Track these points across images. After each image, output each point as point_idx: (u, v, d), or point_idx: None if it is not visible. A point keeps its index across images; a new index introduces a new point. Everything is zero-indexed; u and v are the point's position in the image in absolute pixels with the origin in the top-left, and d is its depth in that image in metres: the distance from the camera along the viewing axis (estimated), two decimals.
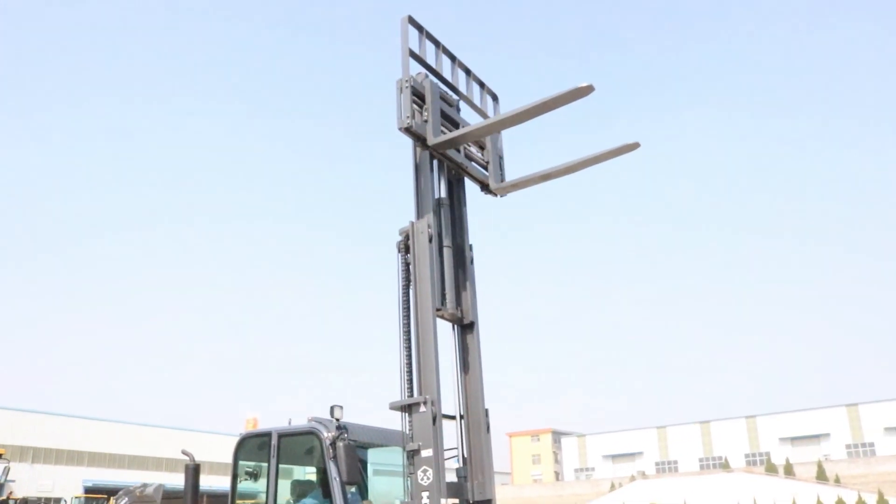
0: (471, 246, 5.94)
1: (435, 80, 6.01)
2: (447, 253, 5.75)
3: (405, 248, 5.48)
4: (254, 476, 6.37)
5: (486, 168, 6.32)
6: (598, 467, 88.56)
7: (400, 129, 5.52)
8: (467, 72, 6.50)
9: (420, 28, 6.00)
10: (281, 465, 6.18)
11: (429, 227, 5.36)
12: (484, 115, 6.62)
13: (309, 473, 6.58)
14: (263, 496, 6.16)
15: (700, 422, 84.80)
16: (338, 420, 6.01)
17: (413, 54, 5.80)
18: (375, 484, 6.71)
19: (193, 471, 7.12)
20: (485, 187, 6.26)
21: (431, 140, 5.49)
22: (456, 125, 6.11)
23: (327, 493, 5.87)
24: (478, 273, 5.98)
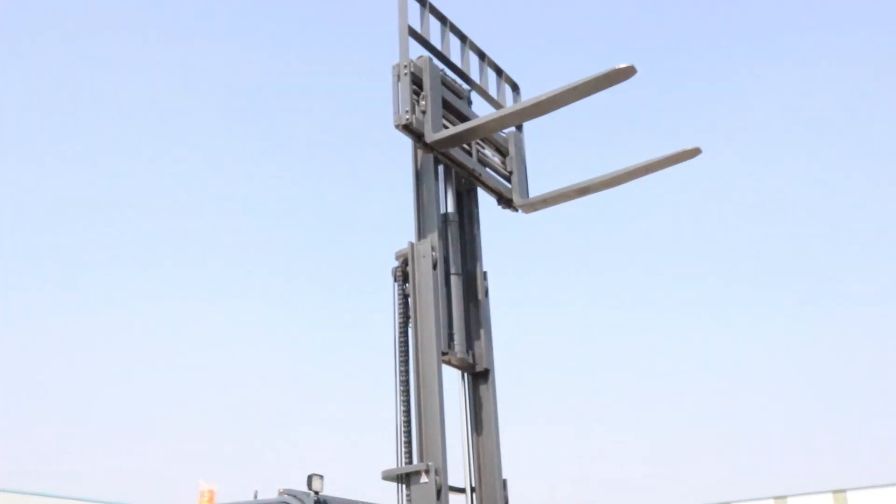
0: (485, 274, 5.15)
1: (439, 63, 5.17)
2: (455, 282, 4.95)
3: (402, 275, 4.75)
4: None
5: (506, 178, 5.48)
6: None
7: (397, 126, 4.68)
8: (481, 56, 5.64)
9: (423, 1, 4.96)
10: None
11: (433, 249, 4.60)
12: (501, 108, 5.62)
13: None
14: None
15: (833, 490, 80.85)
16: (317, 493, 5.23)
17: (414, 33, 4.95)
18: None
19: None
20: (502, 200, 5.41)
21: (430, 136, 4.64)
22: (465, 119, 5.22)
23: None
24: (494, 307, 5.14)
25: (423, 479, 4.33)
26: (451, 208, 5.03)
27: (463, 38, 5.44)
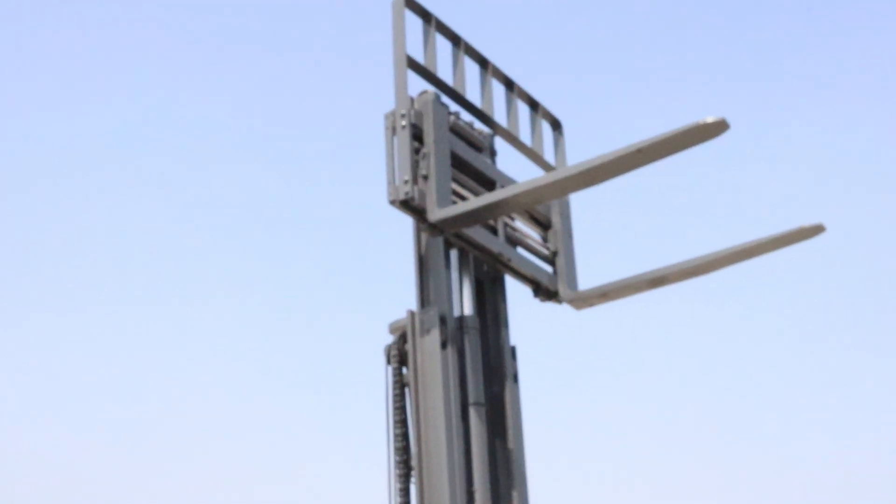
0: (513, 349, 4.90)
1: (449, 100, 4.84)
2: (476, 412, 4.54)
3: (398, 356, 4.45)
4: None
5: (548, 260, 5.17)
6: None
7: (392, 202, 4.38)
8: (508, 85, 5.44)
9: (426, 15, 4.59)
10: None
11: (442, 320, 4.34)
12: (538, 158, 5.52)
13: None
14: None
15: None
16: None
17: (415, 65, 4.68)
18: None
19: None
20: (541, 291, 5.09)
21: (434, 214, 4.35)
22: (488, 184, 4.92)
23: None
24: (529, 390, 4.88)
25: None
26: (468, 309, 4.71)
27: (483, 62, 5.27)
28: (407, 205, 4.34)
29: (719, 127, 3.78)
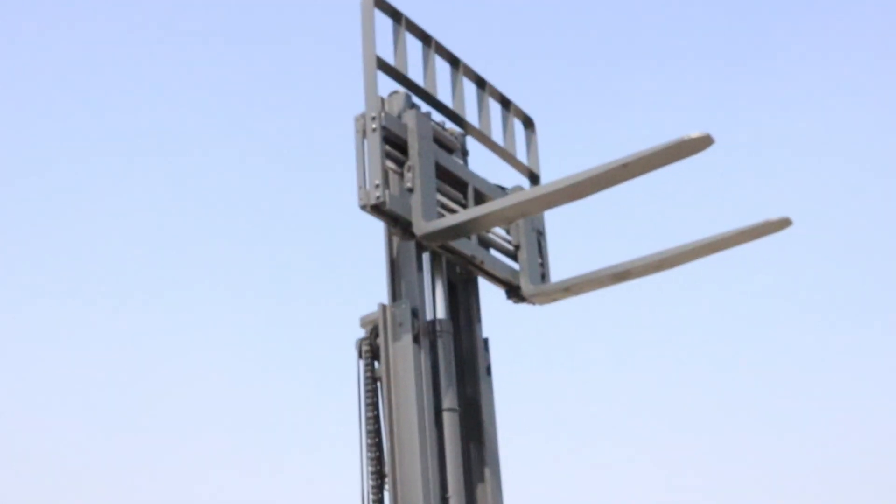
0: (486, 341, 5.11)
1: (421, 102, 5.03)
2: (449, 418, 4.71)
3: (370, 351, 4.63)
4: None
5: (513, 255, 5.33)
6: None
7: (363, 207, 4.53)
8: (480, 83, 5.57)
9: (397, 15, 4.81)
10: None
11: (413, 314, 4.51)
12: (510, 157, 5.73)
13: None
14: None
15: None
16: None
17: (384, 66, 4.83)
18: None
19: None
20: (512, 292, 5.26)
21: (421, 227, 4.55)
22: (461, 186, 5.09)
23: None
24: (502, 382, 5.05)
25: None
26: (441, 313, 4.86)
27: (454, 61, 5.40)
28: (378, 209, 4.45)
29: (704, 142, 3.92)
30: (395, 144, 4.69)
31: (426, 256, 4.89)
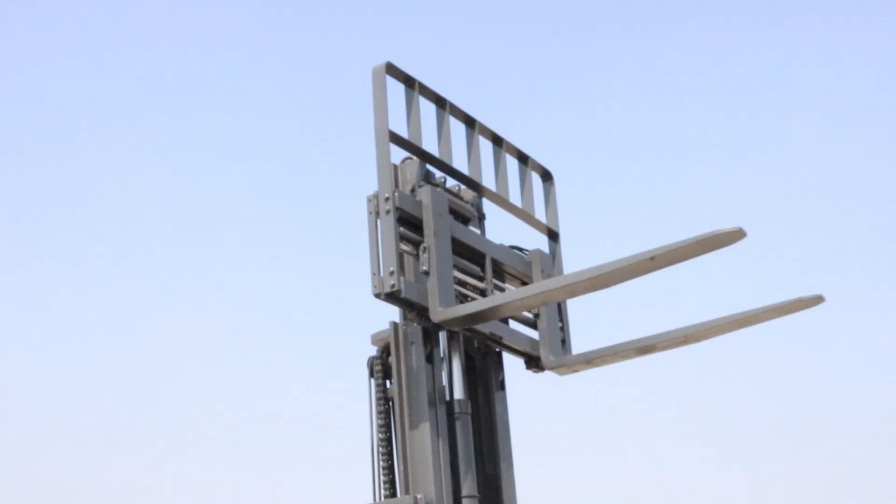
0: (499, 355, 5.55)
1: (433, 169, 5.36)
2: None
3: (382, 370, 4.94)
4: None
5: (532, 324, 5.62)
6: None
7: (377, 295, 4.76)
8: (497, 141, 5.80)
9: (409, 81, 5.24)
10: None
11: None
12: (528, 217, 5.92)
13: None
14: None
15: None
16: None
17: (398, 139, 5.05)
18: None
19: None
20: (532, 361, 5.57)
21: (437, 314, 4.78)
22: (478, 257, 5.35)
23: None
24: None
25: None
26: (459, 393, 5.12)
27: (470, 121, 5.59)
28: (393, 297, 4.67)
29: (735, 236, 4.09)
30: (409, 223, 4.87)
31: (443, 336, 5.09)
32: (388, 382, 4.90)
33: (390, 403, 4.89)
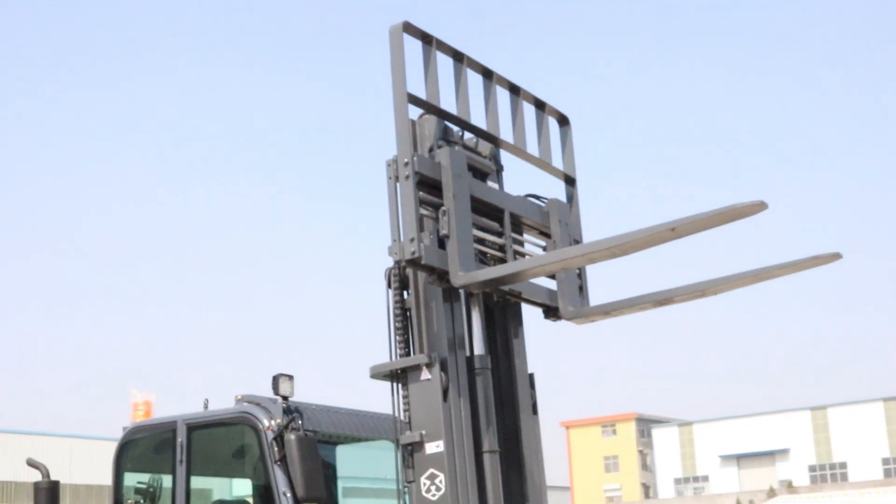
0: (531, 377, 5.92)
1: (453, 126, 5.60)
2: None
3: (399, 281, 5.28)
4: (149, 495, 6.42)
5: (552, 275, 5.78)
6: (713, 476, 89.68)
7: (397, 261, 5.07)
8: (514, 90, 5.94)
9: (427, 38, 5.38)
10: (194, 477, 6.26)
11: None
12: (546, 165, 6.10)
13: (240, 488, 6.73)
14: None
15: (884, 398, 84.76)
16: (286, 399, 5.95)
17: (416, 100, 5.25)
18: (350, 500, 6.83)
19: (48, 492, 6.93)
20: (550, 311, 5.85)
21: (458, 279, 5.02)
22: (497, 212, 5.59)
23: None
24: None
25: (425, 374, 5.05)
26: (479, 348, 5.38)
27: (488, 73, 5.71)
28: (414, 262, 4.90)
29: (756, 208, 4.34)
30: (429, 186, 5.06)
31: (463, 292, 5.33)
32: (405, 293, 5.28)
33: (408, 313, 5.27)
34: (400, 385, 5.10)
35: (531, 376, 5.69)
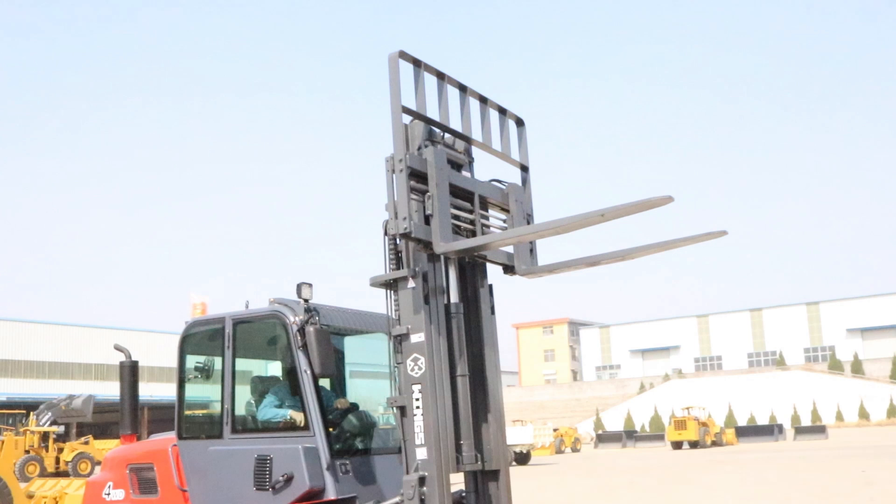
0: (490, 287, 5.81)
1: (436, 130, 5.47)
2: (463, 383, 5.38)
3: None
4: (205, 373, 6.44)
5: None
6: (624, 365, 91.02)
7: (394, 235, 5.03)
8: (482, 100, 5.83)
9: (417, 62, 5.29)
10: (238, 360, 6.29)
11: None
12: (506, 157, 6.00)
13: (272, 368, 6.78)
14: (218, 398, 6.26)
15: (750, 309, 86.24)
16: (306, 301, 5.96)
17: (409, 111, 5.18)
18: (355, 378, 6.94)
19: (130, 369, 7.04)
20: (508, 269, 5.79)
21: (439, 247, 5.01)
22: (469, 194, 5.55)
23: (296, 390, 5.95)
24: None
25: (411, 283, 5.13)
26: (454, 297, 5.35)
27: (462, 87, 5.61)
28: (406, 235, 4.93)
29: (664, 201, 4.36)
30: (417, 176, 5.03)
31: (443, 258, 5.24)
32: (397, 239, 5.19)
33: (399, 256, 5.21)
34: (392, 291, 5.16)
35: (490, 287, 5.67)
